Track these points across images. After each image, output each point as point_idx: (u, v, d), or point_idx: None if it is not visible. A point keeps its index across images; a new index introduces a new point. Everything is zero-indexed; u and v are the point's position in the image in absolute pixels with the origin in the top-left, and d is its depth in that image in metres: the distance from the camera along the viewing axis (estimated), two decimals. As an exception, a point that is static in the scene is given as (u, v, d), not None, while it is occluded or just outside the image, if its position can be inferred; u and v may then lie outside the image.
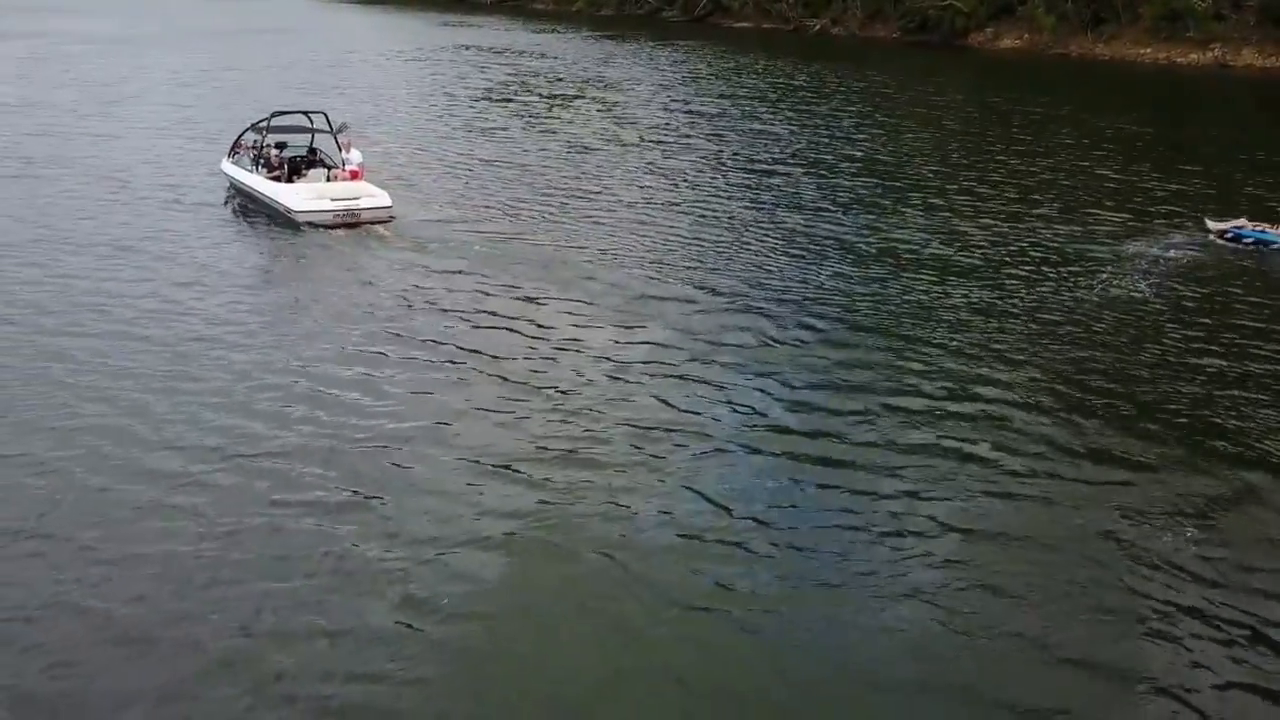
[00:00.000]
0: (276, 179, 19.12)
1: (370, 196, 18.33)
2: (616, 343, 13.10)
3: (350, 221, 17.86)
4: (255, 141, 19.92)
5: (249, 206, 19.40)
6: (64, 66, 39.44)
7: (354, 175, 18.96)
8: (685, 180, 22.61)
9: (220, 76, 37.50)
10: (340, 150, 19.52)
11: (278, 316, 14.01)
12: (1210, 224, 18.29)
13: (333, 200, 18.10)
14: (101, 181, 21.10)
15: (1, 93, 32.20)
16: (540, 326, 13.55)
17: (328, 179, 19.03)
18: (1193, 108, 36.83)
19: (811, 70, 42.60)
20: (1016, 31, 51.39)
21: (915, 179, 23.41)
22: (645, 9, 67.75)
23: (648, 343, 13.10)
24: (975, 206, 20.64)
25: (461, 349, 12.75)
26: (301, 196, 18.24)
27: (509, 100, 34.10)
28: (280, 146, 19.82)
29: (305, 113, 20.35)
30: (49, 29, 54.07)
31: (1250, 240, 17.56)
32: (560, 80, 39.11)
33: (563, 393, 11.55)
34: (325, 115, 20.37)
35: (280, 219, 18.38)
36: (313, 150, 20.02)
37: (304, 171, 19.39)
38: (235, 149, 20.43)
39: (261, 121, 20.04)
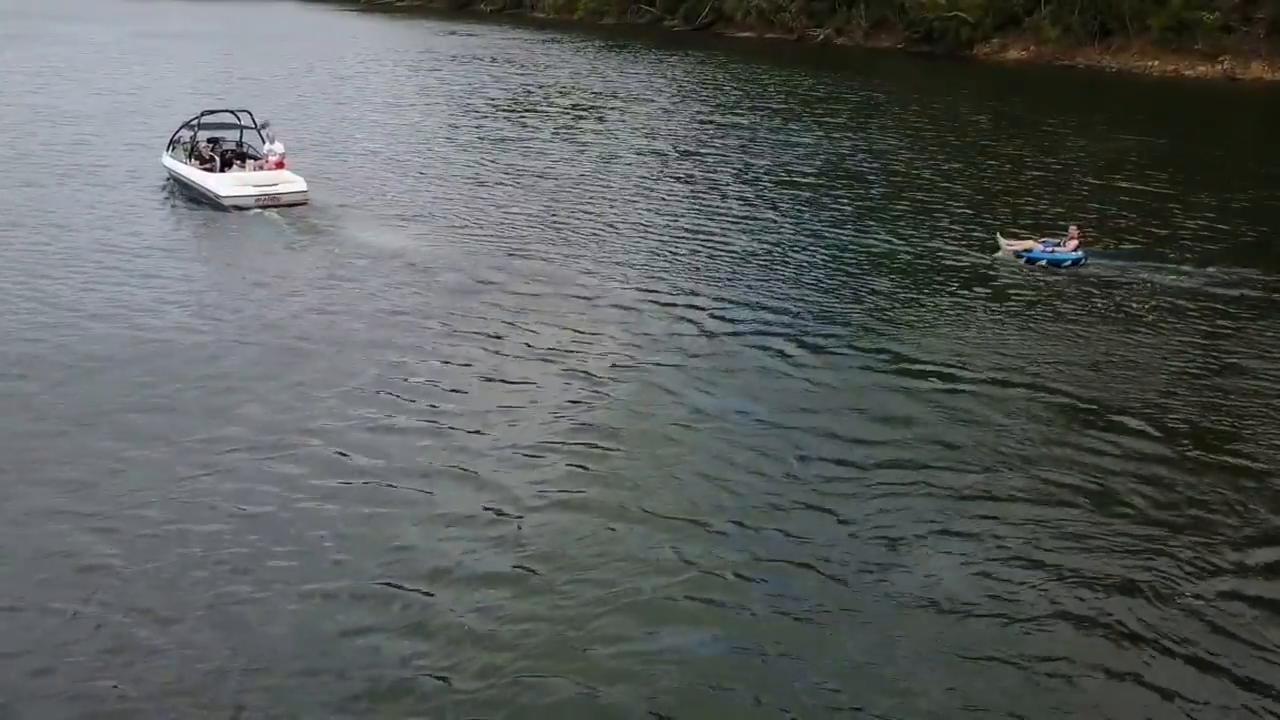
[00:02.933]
0: (208, 169, 20.54)
1: (288, 183, 19.98)
2: (627, 339, 13.85)
3: (269, 204, 19.44)
4: (188, 137, 21.41)
5: (188, 195, 20.63)
6: (85, 75, 39.54)
7: (278, 165, 20.55)
8: (706, 189, 22.72)
9: (237, 85, 37.03)
10: (265, 143, 20.97)
11: (318, 323, 14.35)
12: (1003, 242, 17.91)
13: (254, 186, 19.76)
14: (142, 189, 21.47)
15: (37, 103, 32.05)
16: (544, 326, 14.20)
17: (257, 169, 20.61)
18: (1201, 120, 35.95)
19: (820, 80, 42.11)
20: (1023, 43, 50.52)
21: (926, 189, 23.28)
22: (646, 18, 67.15)
23: (641, 342, 13.80)
24: (987, 215, 20.83)
25: (473, 346, 13.49)
26: (226, 184, 19.82)
27: (529, 110, 33.97)
28: (214, 141, 21.31)
29: (233, 111, 22.05)
30: (59, 34, 54.80)
31: (1042, 262, 17.25)
32: (571, 91, 38.71)
33: (570, 387, 12.24)
34: (250, 113, 22.09)
35: (210, 203, 19.87)
36: (240, 144, 21.62)
37: (234, 163, 20.91)
38: (172, 144, 21.75)
39: (193, 120, 21.57)
